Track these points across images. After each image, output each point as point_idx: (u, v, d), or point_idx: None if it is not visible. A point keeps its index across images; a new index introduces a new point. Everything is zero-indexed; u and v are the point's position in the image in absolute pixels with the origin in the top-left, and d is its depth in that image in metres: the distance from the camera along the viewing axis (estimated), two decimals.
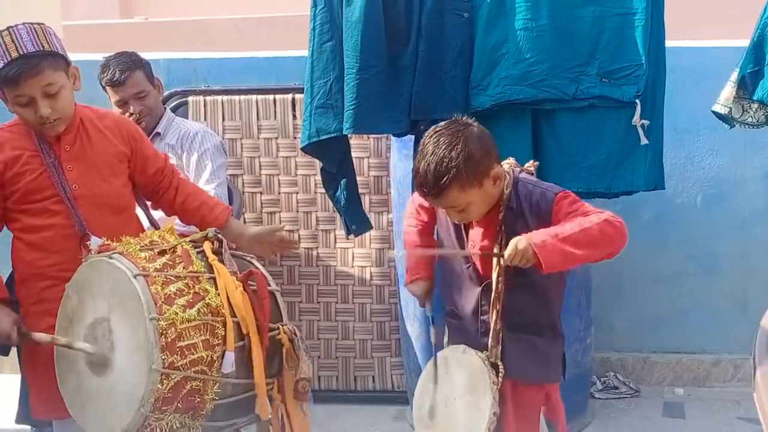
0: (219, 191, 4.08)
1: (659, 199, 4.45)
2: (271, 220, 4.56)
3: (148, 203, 3.37)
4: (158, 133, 4.18)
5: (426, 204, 3.08)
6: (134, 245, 2.77)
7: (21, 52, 2.89)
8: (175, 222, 3.80)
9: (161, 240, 2.82)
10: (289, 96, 4.49)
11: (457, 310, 3.03)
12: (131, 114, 4.07)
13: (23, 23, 2.97)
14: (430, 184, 2.75)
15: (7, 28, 2.94)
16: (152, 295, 2.59)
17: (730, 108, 3.51)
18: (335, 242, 4.54)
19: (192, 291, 2.66)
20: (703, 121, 4.27)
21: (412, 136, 3.66)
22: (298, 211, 4.56)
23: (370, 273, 4.53)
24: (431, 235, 3.16)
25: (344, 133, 3.57)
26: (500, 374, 2.81)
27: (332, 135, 3.60)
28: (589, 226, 2.69)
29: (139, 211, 3.35)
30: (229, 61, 4.95)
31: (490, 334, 2.85)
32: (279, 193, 4.56)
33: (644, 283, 4.70)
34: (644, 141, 3.43)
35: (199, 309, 2.63)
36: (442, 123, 2.87)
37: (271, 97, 4.51)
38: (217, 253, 2.82)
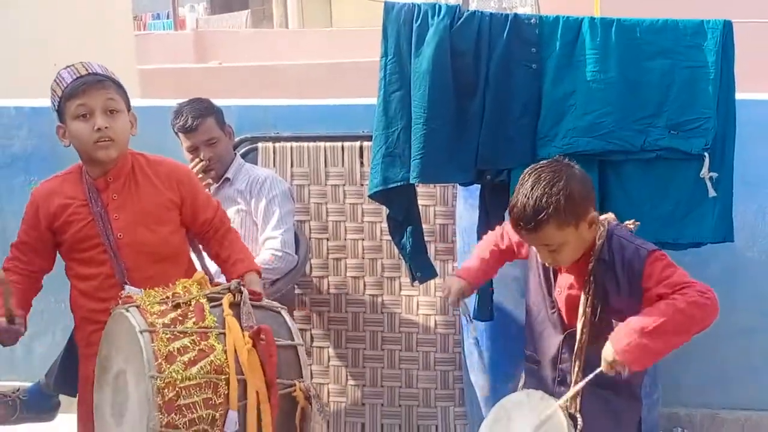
0: (286, 237, 4.12)
1: (730, 253, 4.39)
2: (337, 267, 4.58)
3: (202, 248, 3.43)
4: (228, 179, 4.24)
5: (515, 239, 3.07)
6: (154, 297, 2.78)
7: (90, 71, 3.07)
8: None
9: (184, 291, 2.82)
10: (357, 143, 4.53)
11: (536, 356, 3.02)
12: (201, 160, 4.14)
13: (98, 64, 3.15)
14: (528, 217, 2.74)
15: (80, 61, 3.13)
16: (154, 351, 2.60)
17: None
18: (400, 290, 4.54)
19: (197, 348, 2.65)
20: None
21: (479, 186, 3.67)
22: (363, 258, 4.57)
23: (435, 321, 4.52)
24: (499, 261, 3.17)
25: (411, 182, 3.59)
26: (578, 426, 2.77)
27: (399, 183, 3.63)
28: (673, 315, 2.65)
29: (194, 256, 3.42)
30: (299, 108, 5.01)
31: (571, 385, 2.83)
32: (345, 240, 4.58)
33: (714, 338, 4.56)
34: (712, 193, 3.40)
35: (201, 366, 2.63)
36: (543, 161, 2.90)
37: (339, 144, 4.56)
38: (236, 305, 2.80)
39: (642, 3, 6.94)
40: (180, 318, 2.70)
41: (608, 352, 2.66)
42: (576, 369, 2.81)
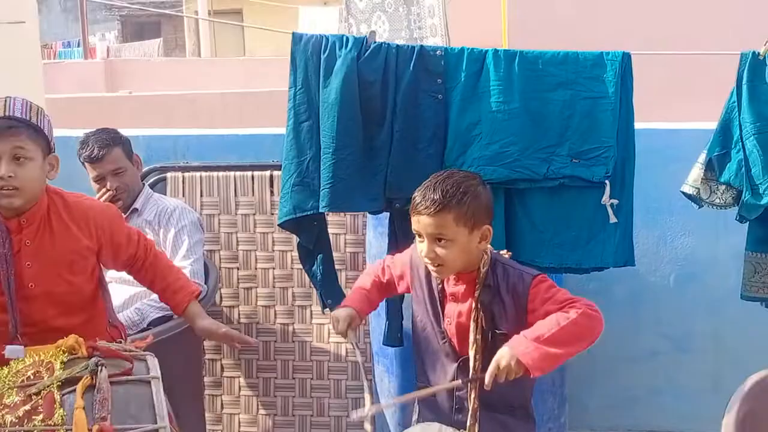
0: (195, 267, 4.10)
1: (633, 278, 4.50)
2: (248, 296, 4.58)
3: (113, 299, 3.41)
4: (136, 209, 4.21)
5: (396, 271, 3.12)
6: (11, 380, 2.64)
7: (6, 114, 2.95)
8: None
9: (45, 369, 2.66)
10: (267, 173, 4.54)
11: (430, 386, 3.03)
12: (108, 190, 4.11)
13: (25, 99, 3.03)
14: (433, 197, 2.81)
15: (6, 97, 3.00)
16: None
17: (698, 189, 3.57)
18: (311, 318, 4.55)
19: None
20: (676, 202, 4.31)
21: (388, 214, 3.71)
22: (274, 287, 4.58)
23: (346, 349, 4.54)
24: (381, 294, 3.19)
25: (320, 210, 3.61)
26: None
27: (309, 212, 3.65)
28: (567, 324, 2.71)
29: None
30: (208, 138, 5.01)
31: (469, 413, 2.85)
32: (256, 269, 4.58)
33: (618, 362, 4.72)
34: (613, 219, 3.49)
35: None
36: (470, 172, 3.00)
37: (249, 173, 4.56)
38: (92, 387, 2.60)
39: (547, 37, 7.09)
40: (31, 411, 2.54)
41: (505, 356, 2.69)
42: (473, 395, 2.85)
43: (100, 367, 2.63)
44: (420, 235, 2.87)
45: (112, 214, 3.28)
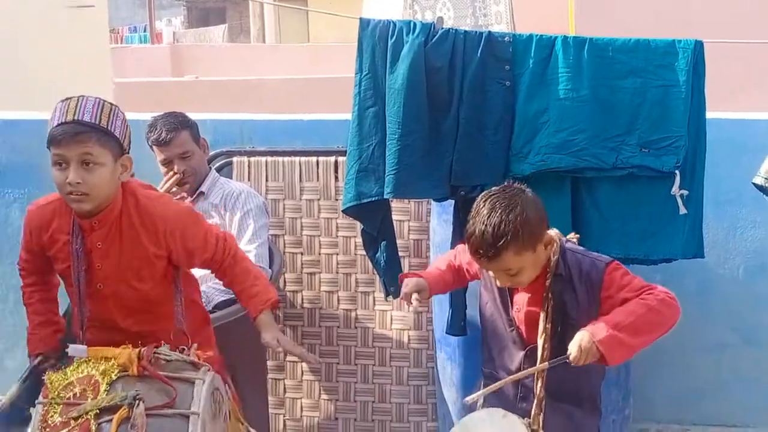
0: (260, 251, 4.12)
1: (701, 270, 4.43)
2: (311, 281, 4.59)
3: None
4: (202, 193, 4.24)
5: (465, 260, 3.10)
6: (61, 394, 2.75)
7: (75, 118, 2.90)
8: None
9: (91, 389, 2.73)
10: (332, 158, 4.54)
11: (496, 373, 3.02)
12: (176, 173, 4.14)
13: (98, 98, 2.97)
14: (487, 245, 2.75)
15: (79, 96, 2.96)
16: None
17: None
18: (374, 304, 4.55)
19: None
20: (747, 193, 4.23)
21: (452, 201, 3.69)
22: (338, 273, 4.58)
23: (408, 336, 4.53)
24: (456, 277, 3.17)
25: (385, 197, 3.60)
26: None
27: (373, 199, 3.64)
28: (647, 311, 2.68)
29: None
30: (274, 123, 5.02)
31: (534, 401, 2.84)
32: (319, 254, 4.59)
33: (685, 354, 4.65)
34: (683, 210, 3.44)
35: None
36: (496, 188, 2.90)
37: (314, 159, 4.57)
38: (127, 420, 2.65)
39: (616, 23, 7.00)
40: None
41: (584, 339, 2.66)
42: (540, 384, 2.82)
43: (137, 402, 2.66)
44: None
45: (185, 220, 3.16)
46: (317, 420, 4.62)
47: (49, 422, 2.68)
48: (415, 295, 3.05)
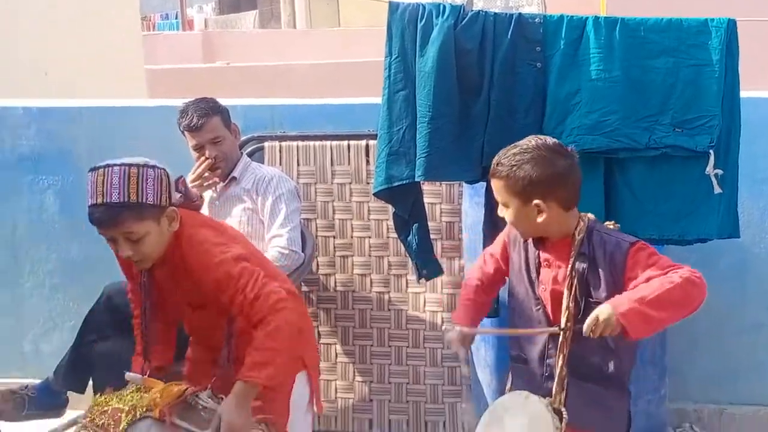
0: (292, 235, 4.14)
1: (737, 249, 4.39)
2: (344, 264, 4.60)
3: None
4: (234, 178, 4.26)
5: (497, 252, 3.11)
6: (96, 420, 2.89)
7: (104, 200, 2.90)
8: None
9: (113, 423, 2.86)
10: (363, 142, 4.54)
11: (523, 354, 3.02)
12: (207, 159, 4.16)
13: (123, 164, 2.94)
14: (494, 161, 2.92)
15: (105, 167, 2.94)
16: None
17: None
18: (407, 287, 4.56)
19: None
20: None
21: (484, 183, 3.68)
22: (370, 256, 4.59)
23: (442, 318, 4.54)
24: (489, 292, 3.18)
25: (416, 180, 3.60)
26: (564, 421, 2.78)
27: (404, 182, 3.64)
28: (671, 287, 2.67)
29: None
30: (304, 108, 5.03)
31: (555, 380, 2.84)
32: (352, 238, 4.60)
33: (721, 334, 4.62)
34: (717, 190, 3.42)
35: None
36: (553, 139, 2.95)
37: (345, 143, 4.57)
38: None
39: (648, 3, 6.94)
40: None
41: (606, 311, 2.66)
42: (561, 363, 2.82)
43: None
44: None
45: (219, 279, 3.00)
46: (352, 402, 4.65)
47: None
48: (462, 353, 3.13)
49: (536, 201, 2.82)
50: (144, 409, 2.86)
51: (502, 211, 2.95)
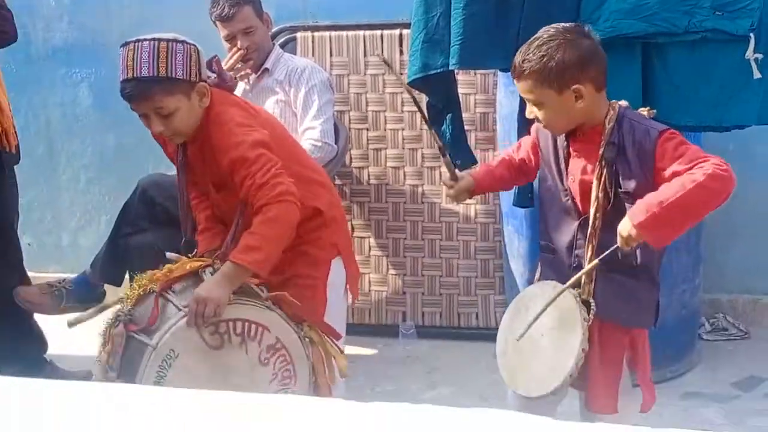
0: (325, 127, 4.12)
1: None
2: (377, 157, 4.59)
3: None
4: (267, 69, 4.24)
5: (528, 144, 3.08)
6: (127, 293, 2.95)
7: (135, 74, 2.89)
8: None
9: (129, 299, 2.93)
10: (397, 32, 4.48)
11: (552, 244, 3.00)
12: (239, 49, 4.13)
13: (153, 39, 2.92)
14: (516, 62, 2.80)
15: (135, 42, 2.93)
16: None
17: None
18: (440, 179, 4.54)
19: None
20: None
21: None
22: (404, 148, 4.57)
23: (475, 210, 4.53)
24: (514, 171, 3.14)
25: (450, 68, 3.55)
26: (592, 311, 2.77)
27: (439, 70, 3.59)
28: (692, 188, 2.56)
29: None
30: None
31: (583, 271, 2.82)
32: (385, 130, 4.58)
33: (758, 223, 4.58)
34: (757, 75, 3.33)
35: None
36: (572, 23, 2.88)
37: (378, 32, 4.52)
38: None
39: None
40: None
41: (625, 226, 2.63)
42: (589, 254, 2.80)
43: (117, 323, 2.84)
44: None
45: (235, 159, 2.96)
46: (385, 294, 4.68)
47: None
48: (449, 191, 3.09)
49: (575, 86, 2.76)
50: (151, 284, 2.89)
51: (532, 113, 2.85)
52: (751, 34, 3.31)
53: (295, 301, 2.92)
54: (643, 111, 2.92)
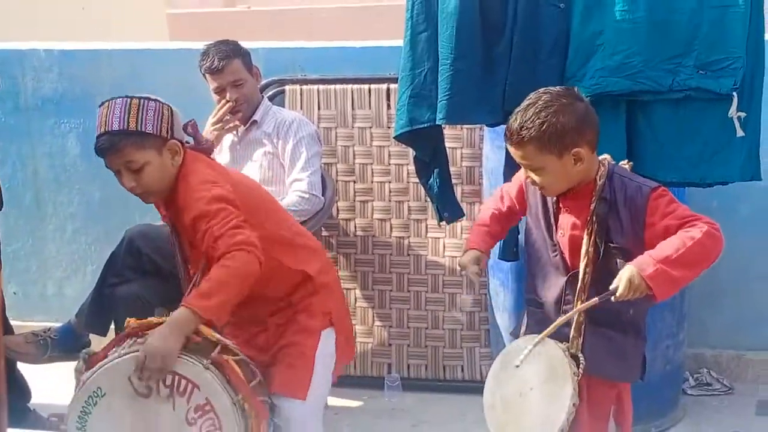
0: (313, 179, 4.14)
1: (758, 195, 4.36)
2: (364, 209, 4.60)
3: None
4: (255, 121, 4.26)
5: (513, 192, 3.09)
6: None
7: (106, 129, 2.95)
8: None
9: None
10: (384, 86, 4.52)
11: (539, 299, 3.01)
12: (228, 101, 4.16)
13: (126, 97, 2.99)
14: (513, 129, 2.80)
15: (110, 101, 3.00)
16: None
17: None
18: (426, 232, 4.56)
19: None
20: None
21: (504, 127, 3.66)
22: (390, 200, 4.59)
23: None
24: (505, 222, 3.16)
25: (437, 123, 3.58)
26: (581, 366, 2.78)
27: (425, 125, 3.62)
28: (693, 245, 2.62)
29: None
30: (325, 51, 5.01)
31: (573, 326, 2.83)
32: (372, 182, 4.60)
33: (741, 280, 4.60)
34: (740, 133, 3.38)
35: None
36: (559, 87, 2.90)
37: (366, 86, 4.55)
38: None
39: None
40: None
41: (633, 274, 2.65)
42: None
43: (79, 360, 2.93)
44: None
45: (196, 213, 2.95)
46: (371, 346, 4.68)
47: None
48: (474, 269, 3.03)
49: (574, 149, 2.79)
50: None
51: (531, 179, 2.86)
52: (734, 93, 3.36)
53: (238, 370, 2.85)
54: (624, 164, 2.96)
